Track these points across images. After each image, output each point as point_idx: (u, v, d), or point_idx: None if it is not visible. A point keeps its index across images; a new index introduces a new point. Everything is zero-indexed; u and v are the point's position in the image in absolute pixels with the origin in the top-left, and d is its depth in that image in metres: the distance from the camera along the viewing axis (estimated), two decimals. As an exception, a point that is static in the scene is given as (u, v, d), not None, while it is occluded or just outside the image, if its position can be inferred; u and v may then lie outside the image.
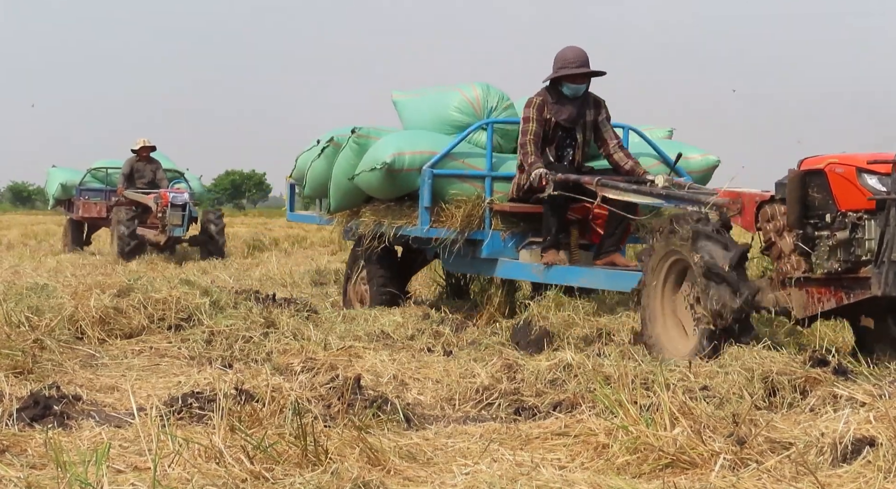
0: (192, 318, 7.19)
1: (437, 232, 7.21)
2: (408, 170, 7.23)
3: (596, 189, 6.67)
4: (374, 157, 7.27)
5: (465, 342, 6.79)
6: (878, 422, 3.83)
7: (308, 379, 5.03)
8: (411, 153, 7.24)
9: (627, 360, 5.46)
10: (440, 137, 7.54)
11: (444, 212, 7.24)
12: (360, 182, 7.53)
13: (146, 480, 3.25)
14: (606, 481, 3.36)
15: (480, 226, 7.22)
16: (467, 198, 7.27)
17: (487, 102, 7.69)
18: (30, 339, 5.92)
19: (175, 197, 14.56)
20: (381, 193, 7.61)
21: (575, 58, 7.06)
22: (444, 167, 7.30)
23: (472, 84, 7.79)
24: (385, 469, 3.64)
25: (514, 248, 7.25)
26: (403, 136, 7.55)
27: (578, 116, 7.18)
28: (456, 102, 7.73)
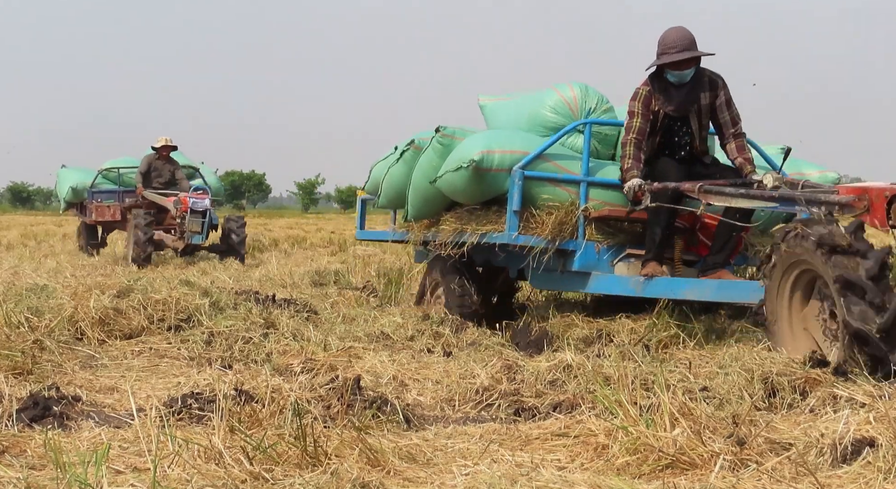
0: (192, 319, 7.20)
1: (526, 239, 6.53)
2: (497, 170, 6.58)
3: (698, 196, 6.06)
4: (460, 155, 6.65)
5: (465, 343, 6.78)
6: (878, 422, 3.83)
7: (308, 380, 5.03)
8: (501, 152, 6.60)
9: (627, 361, 5.45)
10: (533, 138, 6.93)
11: (533, 218, 6.61)
12: (442, 184, 6.90)
13: (146, 481, 3.25)
14: (606, 482, 3.36)
15: (573, 235, 6.56)
16: (560, 204, 6.62)
17: (585, 103, 7.11)
18: (29, 340, 5.93)
19: (195, 203, 13.90)
20: (466, 196, 6.94)
21: (676, 41, 6.30)
22: (537, 169, 6.65)
23: (569, 84, 7.20)
24: (385, 470, 3.64)
25: (609, 261, 6.63)
26: (493, 134, 6.93)
27: (689, 102, 6.44)
28: (551, 102, 7.14)
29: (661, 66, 6.36)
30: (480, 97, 7.90)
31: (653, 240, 6.41)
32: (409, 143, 7.43)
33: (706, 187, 6.05)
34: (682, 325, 6.50)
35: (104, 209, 15.85)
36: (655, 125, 6.46)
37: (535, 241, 6.54)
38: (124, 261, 14.03)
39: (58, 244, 18.92)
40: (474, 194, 6.87)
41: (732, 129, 6.48)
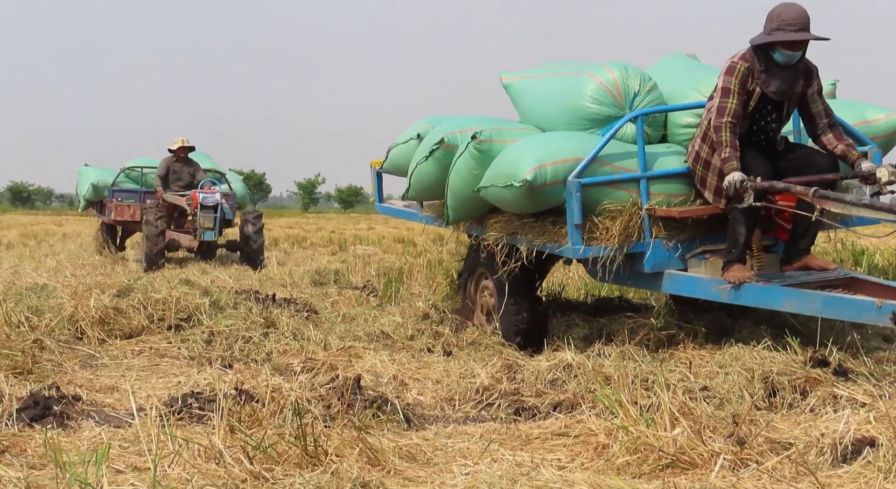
0: (192, 319, 7.20)
1: (593, 251, 5.98)
2: (551, 183, 5.98)
3: (813, 201, 5.44)
4: (509, 172, 6.04)
5: (465, 342, 6.78)
6: (879, 422, 3.83)
7: (308, 379, 5.03)
8: (553, 164, 5.98)
9: (627, 361, 5.46)
10: (582, 139, 6.28)
11: (597, 227, 6.04)
12: (488, 195, 6.32)
13: (146, 480, 3.25)
14: (606, 481, 3.36)
15: (640, 237, 6.02)
16: (622, 206, 6.04)
17: (628, 87, 6.41)
18: (29, 340, 5.93)
19: (205, 198, 13.25)
20: (518, 209, 6.34)
21: (795, 19, 5.64)
22: (592, 174, 6.04)
23: (606, 65, 6.51)
24: (385, 469, 3.64)
25: (681, 258, 6.08)
26: (540, 143, 6.22)
27: (789, 88, 5.82)
28: (591, 91, 6.43)
29: (774, 42, 5.69)
30: (503, 75, 7.28)
31: (737, 239, 5.79)
32: (439, 142, 6.88)
33: (823, 193, 5.45)
34: (682, 325, 6.49)
35: (124, 208, 15.25)
36: (746, 107, 5.82)
37: (602, 251, 5.99)
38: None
39: (58, 244, 18.89)
40: (528, 208, 6.28)
41: (826, 119, 5.91)
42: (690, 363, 5.50)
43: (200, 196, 13.20)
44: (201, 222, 13.14)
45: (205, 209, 13.20)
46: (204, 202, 13.17)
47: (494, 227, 6.62)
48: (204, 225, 13.17)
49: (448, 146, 6.81)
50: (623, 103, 6.39)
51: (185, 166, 14.15)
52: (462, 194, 6.65)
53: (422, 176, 7.17)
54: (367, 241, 20.72)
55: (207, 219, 13.17)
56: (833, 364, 5.22)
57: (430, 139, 7.06)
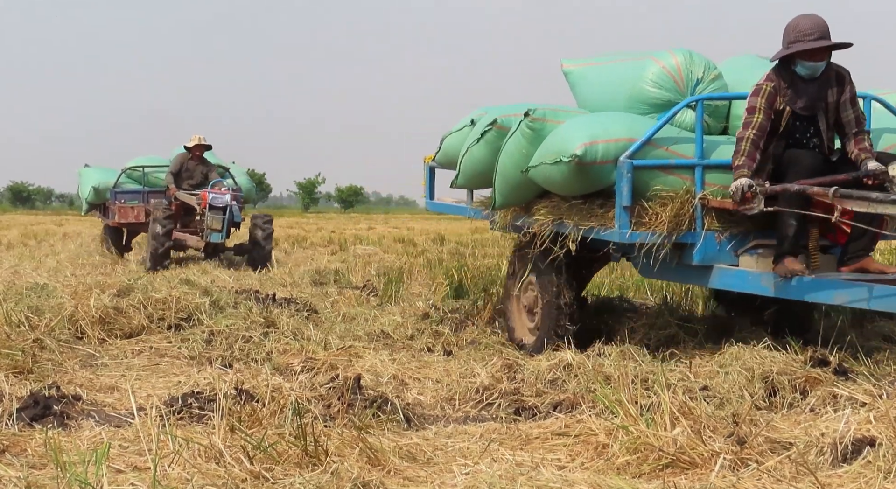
0: (192, 318, 7.20)
1: (641, 236, 5.75)
2: (601, 162, 5.79)
3: (833, 201, 5.27)
4: (559, 147, 5.84)
5: (465, 342, 6.79)
6: (879, 422, 3.83)
7: (308, 379, 5.03)
8: (605, 142, 5.78)
9: (627, 360, 5.45)
10: (637, 120, 6.09)
11: (646, 211, 5.82)
12: (537, 175, 6.09)
13: (146, 480, 3.25)
14: (606, 481, 3.36)
15: (691, 226, 5.80)
16: (674, 192, 5.82)
17: (691, 73, 6.24)
18: (30, 339, 5.93)
19: (215, 198, 12.70)
20: (566, 189, 6.12)
21: (812, 28, 5.54)
22: (645, 157, 5.82)
23: (671, 51, 6.32)
24: (385, 469, 3.64)
25: (733, 252, 5.84)
26: (593, 120, 6.04)
27: (818, 100, 5.67)
28: (652, 75, 6.25)
29: (793, 55, 5.61)
30: (564, 62, 7.05)
31: (786, 231, 5.56)
32: (492, 122, 6.63)
33: (843, 192, 5.27)
34: (682, 325, 6.49)
35: (127, 210, 14.61)
36: (778, 126, 5.70)
37: (650, 237, 5.76)
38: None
39: (58, 244, 18.87)
40: (576, 188, 6.06)
41: (855, 129, 5.73)
42: (690, 363, 5.51)
43: (210, 196, 12.70)
44: (209, 223, 12.66)
45: (214, 210, 12.71)
46: (213, 203, 12.69)
47: (541, 212, 6.36)
48: (212, 226, 12.68)
49: (501, 128, 6.58)
50: (685, 89, 6.23)
51: (199, 165, 13.59)
52: (511, 176, 6.41)
53: (472, 160, 6.95)
54: (368, 240, 20.73)
55: (216, 220, 12.68)
56: (833, 363, 5.22)
57: (482, 122, 6.84)
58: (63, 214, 45.79)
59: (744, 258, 5.80)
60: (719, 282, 5.88)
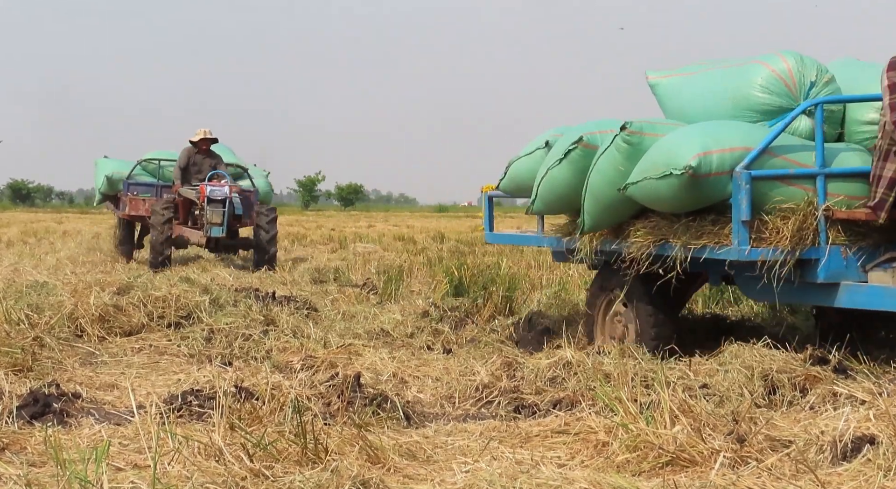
0: (192, 316, 7.21)
1: (762, 253, 5.28)
2: (716, 174, 5.37)
3: None
4: (667, 159, 5.42)
5: (465, 340, 6.79)
6: (878, 420, 3.83)
7: (308, 377, 5.03)
8: (720, 151, 5.37)
9: (627, 358, 5.45)
10: (751, 128, 5.69)
11: (766, 225, 5.37)
12: (638, 193, 5.62)
13: (146, 478, 3.25)
14: (606, 479, 3.36)
15: (815, 241, 5.35)
16: (795, 205, 5.38)
17: (804, 76, 5.80)
18: (29, 337, 5.93)
19: (213, 191, 12.33)
20: (674, 206, 5.65)
21: None
22: (763, 167, 5.39)
23: (779, 54, 5.91)
24: (385, 467, 3.64)
25: (861, 268, 5.39)
26: (704, 129, 5.62)
27: None
28: (761, 80, 5.83)
29: None
30: (650, 74, 6.65)
31: None
32: (577, 141, 6.14)
33: None
34: (682, 322, 6.49)
35: (138, 203, 14.12)
36: None
37: (772, 253, 5.31)
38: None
39: (58, 241, 18.87)
40: (685, 204, 5.61)
41: None
42: (690, 361, 5.50)
43: (208, 189, 12.36)
44: (209, 217, 12.28)
45: (212, 203, 12.33)
46: (211, 195, 12.31)
47: (638, 234, 5.86)
48: (211, 220, 12.28)
49: (587, 146, 6.12)
50: (797, 94, 5.81)
51: (206, 158, 13.19)
52: (604, 195, 5.92)
53: (553, 183, 6.38)
54: (367, 238, 20.73)
55: (215, 213, 12.28)
56: (833, 361, 5.22)
57: (563, 142, 6.35)
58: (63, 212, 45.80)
59: (874, 273, 5.37)
60: (847, 300, 5.42)
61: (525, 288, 8.91)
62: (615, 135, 5.80)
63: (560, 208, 6.65)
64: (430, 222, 34.01)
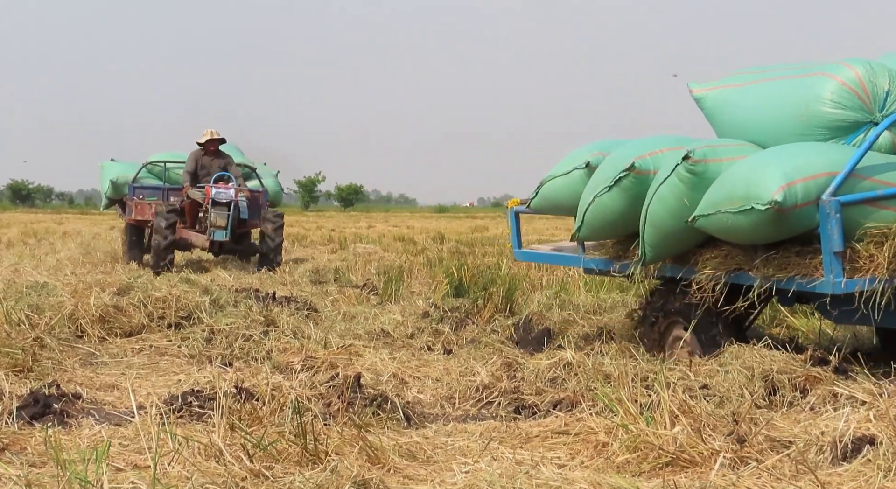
0: (192, 317, 7.21)
1: (858, 284, 4.90)
2: (802, 205, 4.97)
3: None
4: (746, 192, 5.04)
5: (465, 340, 6.80)
6: (879, 420, 3.83)
7: (308, 377, 5.03)
8: (803, 180, 4.97)
9: (627, 359, 5.45)
10: (829, 149, 5.27)
11: (858, 254, 4.99)
12: (710, 225, 5.28)
13: (146, 478, 3.25)
14: (606, 479, 3.36)
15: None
16: (888, 228, 4.97)
17: (876, 86, 5.38)
18: (30, 338, 5.93)
19: (218, 193, 12.04)
20: (753, 238, 5.28)
21: None
22: (850, 191, 5.00)
23: (846, 63, 5.49)
24: (385, 467, 3.64)
25: None
26: (783, 156, 5.19)
27: None
28: (830, 94, 5.39)
29: None
30: (693, 87, 6.25)
31: None
32: (629, 168, 5.77)
33: None
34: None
35: (145, 207, 13.56)
36: None
37: (869, 284, 4.91)
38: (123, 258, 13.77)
39: (58, 242, 18.87)
40: (767, 237, 5.25)
41: None
42: (690, 361, 5.50)
43: (213, 191, 12.07)
44: (213, 220, 12.04)
45: (217, 206, 12.05)
46: (217, 198, 12.03)
47: (709, 263, 5.53)
48: (216, 223, 12.04)
49: (640, 172, 5.75)
50: (872, 106, 5.40)
51: (215, 160, 12.85)
52: (667, 226, 5.57)
53: (602, 210, 5.98)
54: (368, 239, 20.73)
55: (220, 216, 12.03)
56: (833, 362, 5.22)
57: (610, 166, 5.98)
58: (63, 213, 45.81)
59: None
60: None
61: (525, 288, 8.91)
62: (676, 164, 5.43)
63: (608, 235, 6.28)
64: (430, 223, 34.02)
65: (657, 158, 5.72)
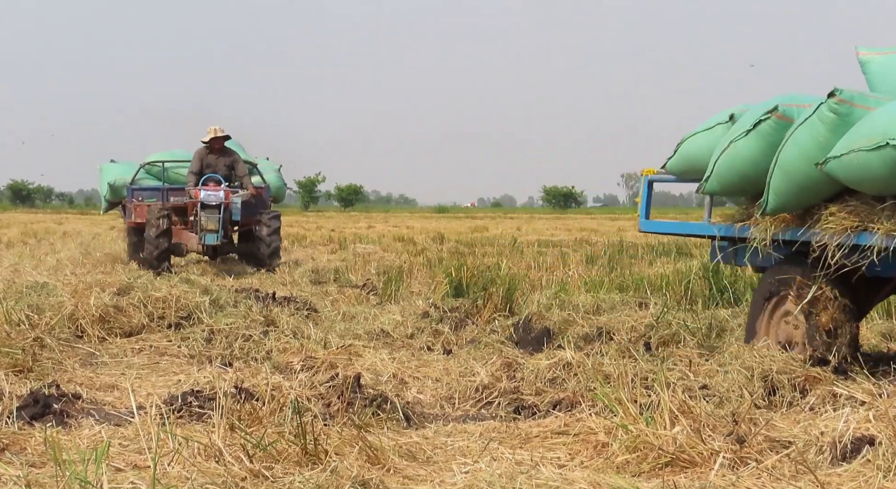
0: (192, 317, 7.21)
1: None
2: None
3: None
4: (884, 128, 4.66)
5: (465, 341, 6.79)
6: (878, 421, 3.83)
7: (308, 377, 5.03)
8: None
9: (627, 359, 5.45)
10: None
11: None
12: (841, 169, 4.89)
13: (146, 479, 3.25)
14: (606, 480, 3.36)
15: None
16: None
17: None
18: (30, 338, 5.93)
19: (207, 196, 11.67)
20: (885, 186, 4.83)
21: None
22: None
23: None
24: (384, 467, 3.64)
25: None
26: None
27: None
28: None
29: None
30: (861, 50, 5.89)
31: None
32: (771, 110, 5.42)
33: None
34: (682, 324, 6.49)
35: (144, 209, 12.88)
36: None
37: None
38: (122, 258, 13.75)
39: (58, 242, 18.86)
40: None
41: None
42: (690, 361, 5.50)
43: (202, 193, 11.73)
44: (203, 223, 11.68)
45: (207, 208, 11.71)
46: (206, 200, 11.68)
47: (831, 218, 5.12)
48: (206, 226, 11.67)
49: (782, 117, 5.40)
50: None
51: (220, 158, 12.38)
52: (796, 171, 5.18)
53: (735, 157, 5.62)
54: (367, 239, 20.73)
55: (210, 220, 11.66)
56: (833, 362, 5.22)
57: (751, 115, 5.62)
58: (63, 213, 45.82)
59: None
60: None
61: (525, 288, 8.91)
62: (820, 103, 5.09)
63: (738, 187, 5.86)
64: (429, 223, 34.02)
65: (801, 111, 5.37)
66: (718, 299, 7.90)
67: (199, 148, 12.50)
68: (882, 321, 6.88)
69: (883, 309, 7.09)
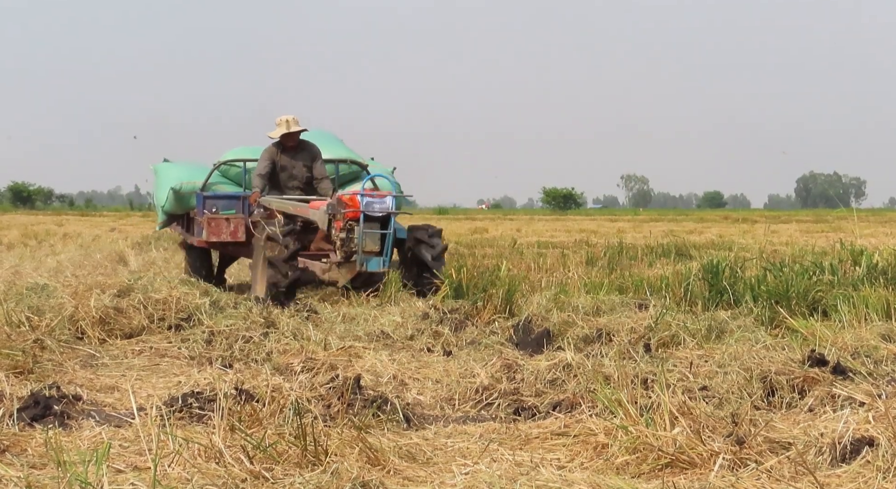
0: (193, 318, 7.21)
1: None
2: None
3: None
4: None
5: (465, 342, 6.79)
6: (877, 422, 3.84)
7: (308, 379, 5.04)
8: None
9: (627, 360, 5.46)
10: None
11: None
12: None
13: (146, 480, 3.25)
14: (606, 481, 3.36)
15: None
16: None
17: None
18: (30, 339, 5.94)
19: (370, 203, 8.63)
20: None
21: None
22: None
23: None
24: (385, 469, 3.65)
25: None
26: None
27: None
28: None
29: None
30: None
31: None
32: None
33: None
34: (681, 325, 6.49)
35: (221, 224, 9.95)
36: None
37: None
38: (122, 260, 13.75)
39: (58, 244, 18.86)
40: None
41: None
42: (690, 363, 5.51)
43: (363, 201, 8.63)
44: (365, 243, 8.62)
45: (369, 222, 8.65)
46: (368, 210, 8.61)
47: None
48: (367, 247, 8.63)
49: None
50: None
51: (297, 156, 9.72)
52: None
53: None
54: (368, 240, 20.65)
55: (372, 238, 8.62)
56: (831, 363, 5.23)
57: None
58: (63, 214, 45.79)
59: None
60: None
61: (525, 290, 8.91)
62: None
63: None
64: (430, 224, 33.91)
65: None
66: (718, 301, 7.90)
67: (269, 146, 9.88)
68: (882, 322, 6.88)
69: (883, 309, 7.09)
